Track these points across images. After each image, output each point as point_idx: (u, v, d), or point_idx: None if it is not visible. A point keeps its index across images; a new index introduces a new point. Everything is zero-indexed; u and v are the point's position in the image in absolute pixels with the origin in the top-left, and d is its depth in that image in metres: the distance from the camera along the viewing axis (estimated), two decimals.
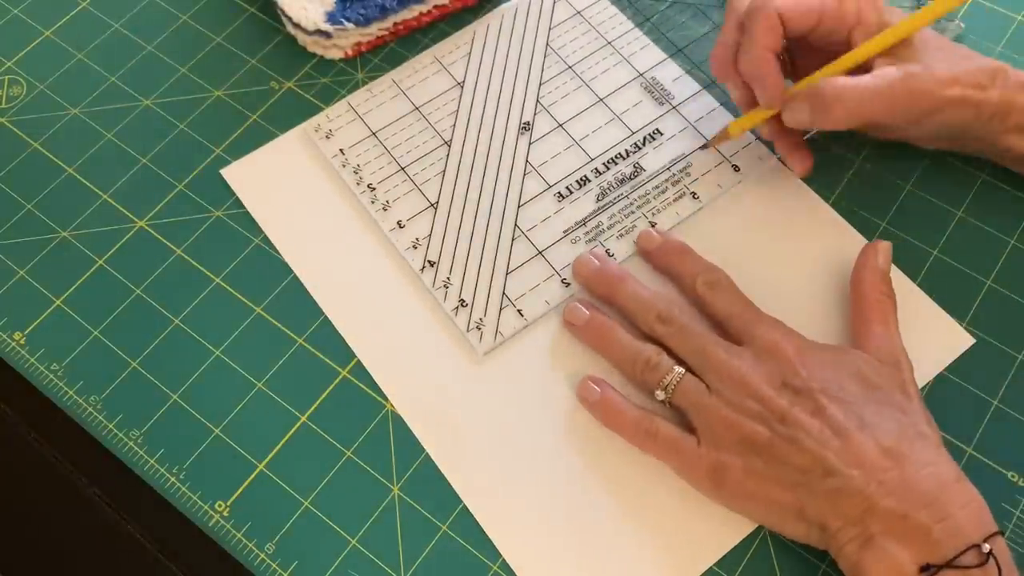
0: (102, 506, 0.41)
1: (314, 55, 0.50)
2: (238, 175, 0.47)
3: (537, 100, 0.47)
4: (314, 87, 0.49)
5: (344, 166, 0.46)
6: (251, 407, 0.41)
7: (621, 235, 0.44)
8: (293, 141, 0.47)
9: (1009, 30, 0.50)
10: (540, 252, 0.44)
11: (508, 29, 0.50)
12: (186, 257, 0.45)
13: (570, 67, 0.48)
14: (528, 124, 0.46)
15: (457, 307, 0.42)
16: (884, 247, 0.40)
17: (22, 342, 0.43)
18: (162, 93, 0.49)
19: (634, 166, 0.45)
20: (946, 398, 0.40)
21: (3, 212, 0.46)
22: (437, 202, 0.45)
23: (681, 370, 0.38)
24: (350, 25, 0.48)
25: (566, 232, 0.44)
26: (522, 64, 0.48)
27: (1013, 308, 0.42)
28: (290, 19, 0.49)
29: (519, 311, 0.42)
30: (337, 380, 0.42)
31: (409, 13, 0.49)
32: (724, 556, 0.38)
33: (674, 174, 0.45)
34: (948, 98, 0.39)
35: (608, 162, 0.46)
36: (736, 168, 0.45)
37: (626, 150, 0.46)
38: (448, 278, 0.43)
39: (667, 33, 0.49)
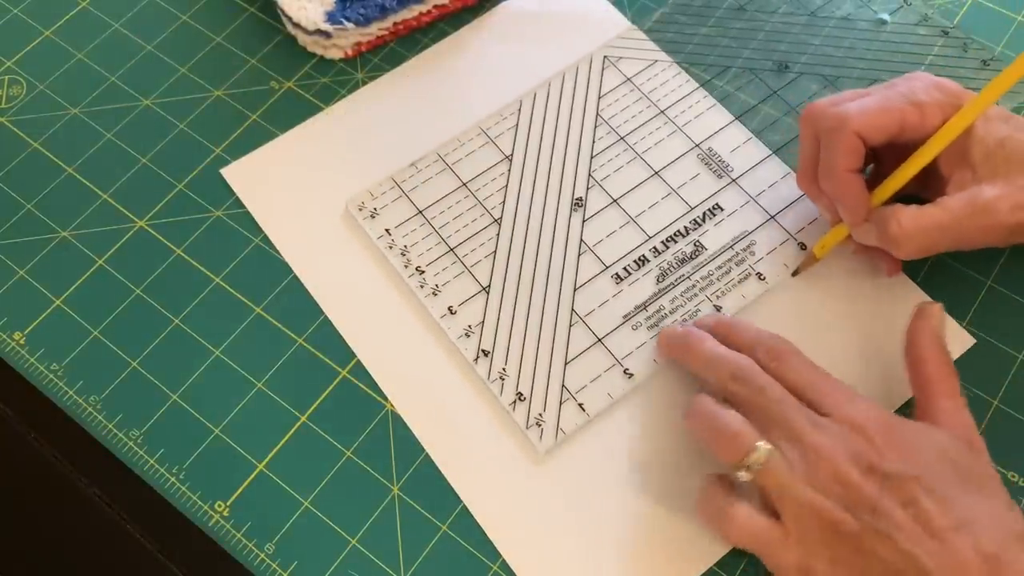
0: (102, 506, 0.41)
1: (314, 55, 0.50)
2: (238, 174, 0.47)
3: (589, 174, 0.45)
4: (314, 87, 0.49)
5: (391, 248, 0.44)
6: (251, 407, 0.41)
7: (685, 319, 0.41)
8: (293, 141, 0.47)
9: (1009, 30, 0.50)
10: (600, 339, 0.41)
11: (556, 98, 0.47)
12: (186, 257, 0.45)
13: (622, 138, 0.46)
14: (581, 200, 0.44)
15: (515, 401, 0.40)
16: (938, 310, 0.38)
17: (22, 342, 0.43)
18: (162, 93, 0.49)
19: (695, 244, 0.43)
20: None
21: (3, 212, 0.46)
22: (489, 285, 0.43)
23: (767, 447, 0.34)
24: (350, 25, 0.48)
25: (626, 317, 0.42)
26: (572, 136, 0.46)
27: (1013, 308, 0.42)
28: (290, 19, 0.49)
29: (580, 405, 0.40)
30: (337, 380, 0.42)
31: (409, 13, 0.49)
32: (724, 556, 0.38)
33: (737, 253, 0.43)
34: (1019, 223, 0.37)
35: (667, 240, 0.43)
36: (802, 246, 0.43)
37: (685, 227, 0.44)
38: (504, 368, 0.41)
39: (722, 100, 0.47)
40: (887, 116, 0.38)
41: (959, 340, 0.41)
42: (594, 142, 0.46)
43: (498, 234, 0.44)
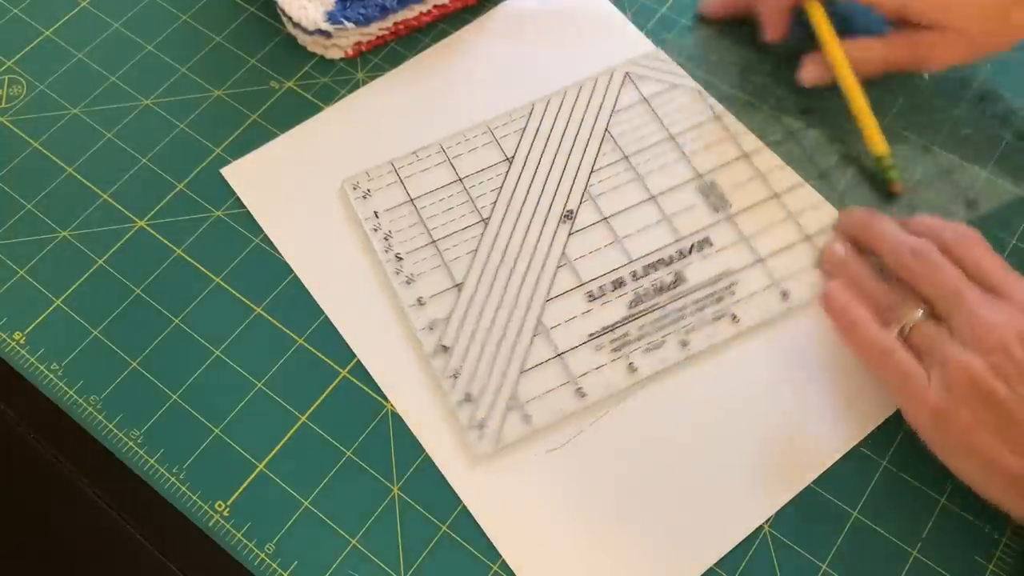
0: (102, 506, 0.41)
1: (314, 55, 0.50)
2: (238, 174, 0.47)
3: (586, 188, 0.45)
4: (314, 87, 0.49)
5: (376, 230, 0.44)
6: (251, 407, 0.41)
7: (648, 349, 0.41)
8: (293, 141, 0.47)
9: None
10: (560, 354, 0.41)
11: (568, 108, 0.47)
12: (186, 257, 0.45)
13: (626, 157, 0.45)
14: (572, 213, 0.44)
15: (463, 400, 0.40)
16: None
17: (22, 342, 0.43)
18: (162, 93, 0.49)
19: (675, 275, 0.42)
20: None
21: (3, 212, 0.46)
22: (463, 283, 0.43)
23: (920, 311, 0.36)
24: (350, 25, 0.48)
25: (591, 336, 0.41)
26: (576, 147, 0.46)
27: None
28: (290, 19, 0.49)
29: (527, 415, 0.40)
30: (337, 380, 0.42)
31: (409, 13, 0.49)
32: (724, 556, 0.38)
33: (717, 291, 0.42)
34: None
35: (648, 266, 0.43)
36: (785, 295, 0.42)
37: (670, 256, 0.43)
38: (460, 367, 0.41)
39: (737, 136, 0.46)
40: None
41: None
42: (597, 157, 0.46)
43: (483, 233, 0.44)
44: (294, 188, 0.46)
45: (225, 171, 0.47)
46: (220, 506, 0.39)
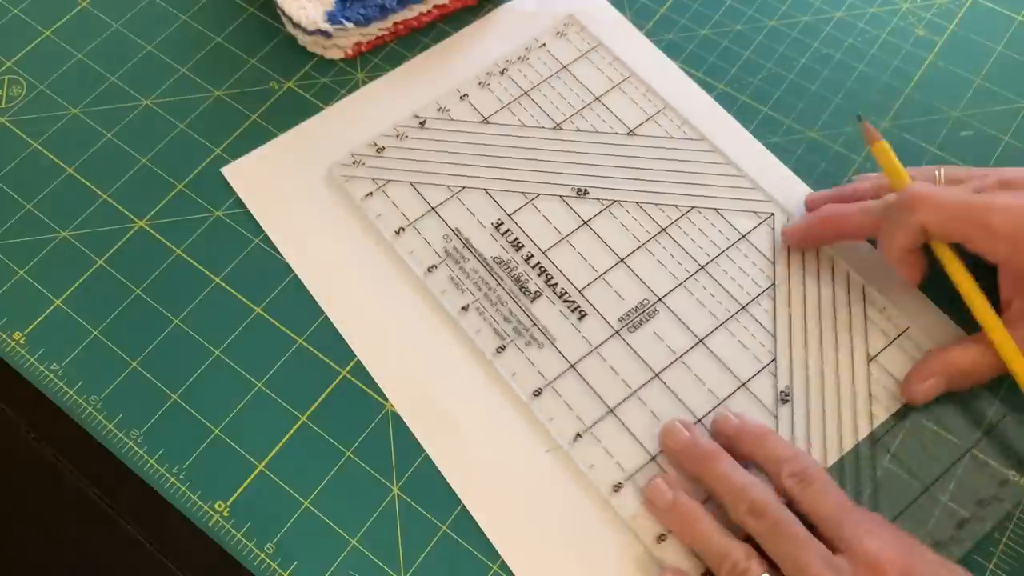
0: (102, 506, 0.40)
1: (314, 55, 0.50)
2: (239, 174, 0.47)
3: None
4: (314, 87, 0.49)
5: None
6: (251, 407, 0.41)
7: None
8: (294, 141, 0.47)
9: (1009, 30, 0.50)
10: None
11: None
12: (186, 257, 0.45)
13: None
14: (583, 189, 0.44)
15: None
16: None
17: (22, 342, 0.43)
18: (162, 93, 0.49)
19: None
20: (947, 397, 0.40)
21: (3, 212, 0.46)
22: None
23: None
24: (350, 25, 0.48)
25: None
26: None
27: None
28: (290, 19, 0.49)
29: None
30: (337, 380, 0.42)
31: (409, 13, 0.49)
32: None
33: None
34: None
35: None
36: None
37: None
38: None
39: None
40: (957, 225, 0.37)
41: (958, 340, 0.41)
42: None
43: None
44: (294, 188, 0.46)
45: (225, 171, 0.47)
46: (220, 506, 0.39)
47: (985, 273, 0.39)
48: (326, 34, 0.48)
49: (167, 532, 0.40)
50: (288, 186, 0.46)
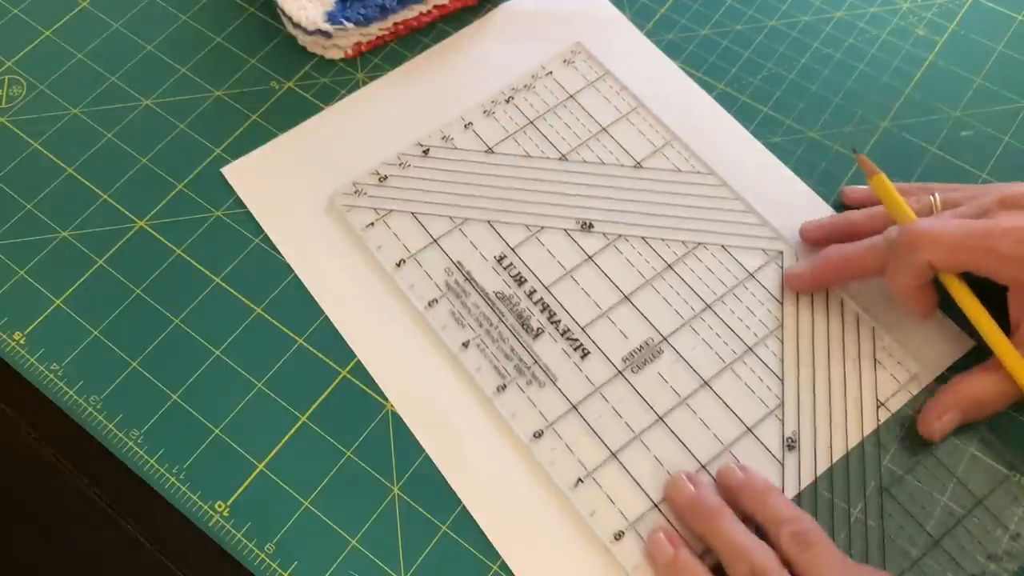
0: (102, 506, 0.40)
1: (314, 55, 0.50)
2: (239, 174, 0.47)
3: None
4: (314, 87, 0.49)
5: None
6: (251, 407, 0.41)
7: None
8: (294, 141, 0.47)
9: (1009, 30, 0.50)
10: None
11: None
12: (186, 257, 0.45)
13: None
14: (588, 223, 0.44)
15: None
16: None
17: (22, 342, 0.43)
18: (162, 93, 0.49)
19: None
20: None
21: (3, 212, 0.46)
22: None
23: None
24: (350, 25, 0.48)
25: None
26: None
27: None
28: (290, 19, 0.49)
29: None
30: (337, 380, 0.42)
31: (409, 13, 0.49)
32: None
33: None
34: None
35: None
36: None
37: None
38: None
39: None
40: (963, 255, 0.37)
41: (958, 343, 0.41)
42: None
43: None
44: (294, 188, 0.46)
45: (226, 171, 0.47)
46: (220, 506, 0.39)
47: (993, 292, 0.39)
48: (326, 34, 0.48)
49: (167, 532, 0.40)
50: (288, 186, 0.46)
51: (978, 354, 0.41)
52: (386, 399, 0.41)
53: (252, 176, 0.47)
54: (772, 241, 0.44)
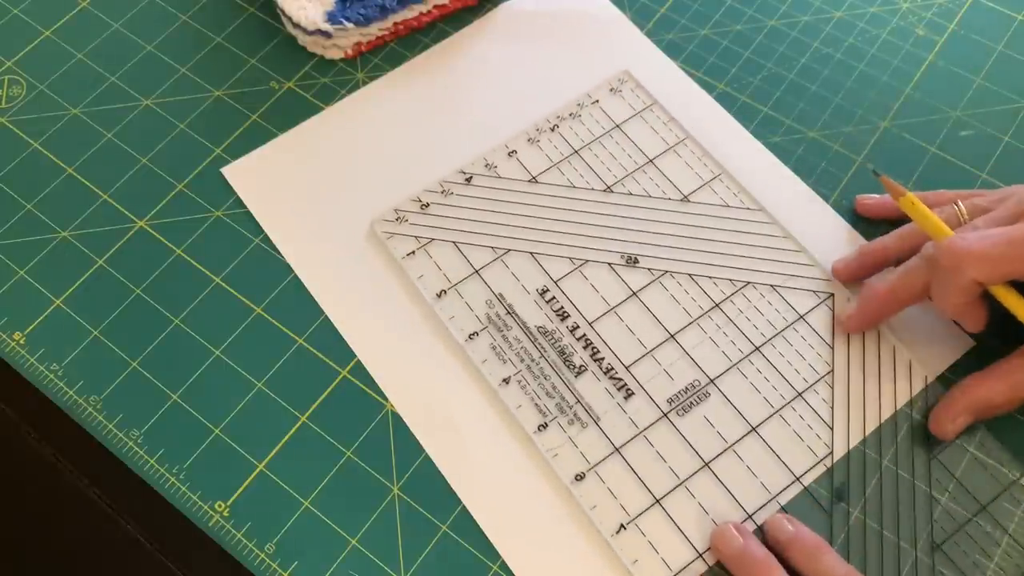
0: (102, 506, 0.40)
1: (314, 55, 0.50)
2: (239, 174, 0.47)
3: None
4: (314, 87, 0.49)
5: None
6: (251, 407, 0.41)
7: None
8: (294, 141, 0.47)
9: (1009, 30, 0.50)
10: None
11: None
12: (186, 257, 0.45)
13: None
14: (634, 258, 0.43)
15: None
16: None
17: (22, 342, 0.43)
18: (162, 93, 0.49)
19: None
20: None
21: (3, 212, 0.46)
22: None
23: None
24: (350, 25, 0.48)
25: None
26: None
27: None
28: (290, 19, 0.49)
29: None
30: (337, 380, 0.42)
31: (409, 13, 0.49)
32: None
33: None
34: None
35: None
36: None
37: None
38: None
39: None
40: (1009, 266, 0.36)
41: (959, 342, 0.41)
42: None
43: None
44: (294, 188, 0.46)
45: (226, 171, 0.47)
46: (220, 506, 0.39)
47: None
48: (326, 34, 0.48)
49: (167, 532, 0.40)
50: (288, 186, 0.46)
51: (978, 354, 0.41)
52: (386, 399, 0.41)
53: (252, 176, 0.47)
54: (824, 283, 0.42)
